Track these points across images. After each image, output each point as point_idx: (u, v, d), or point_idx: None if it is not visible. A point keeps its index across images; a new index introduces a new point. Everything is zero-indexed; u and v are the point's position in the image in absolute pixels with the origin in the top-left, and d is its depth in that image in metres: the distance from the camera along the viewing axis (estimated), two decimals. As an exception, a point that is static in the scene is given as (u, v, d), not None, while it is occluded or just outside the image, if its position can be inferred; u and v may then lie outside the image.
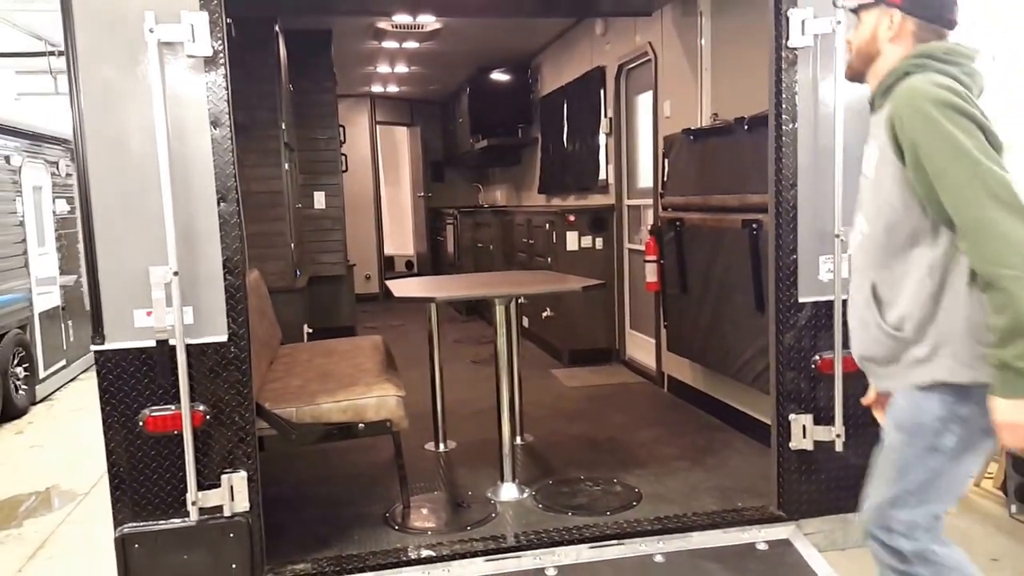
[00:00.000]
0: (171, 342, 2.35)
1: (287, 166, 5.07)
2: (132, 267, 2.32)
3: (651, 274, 4.52)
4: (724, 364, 3.88)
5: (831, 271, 2.72)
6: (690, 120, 4.30)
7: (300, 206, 5.78)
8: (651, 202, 4.93)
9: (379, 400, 2.89)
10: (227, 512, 2.46)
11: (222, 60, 2.32)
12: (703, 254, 3.99)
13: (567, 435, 4.15)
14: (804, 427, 2.81)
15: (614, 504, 3.14)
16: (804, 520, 2.89)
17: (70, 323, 6.41)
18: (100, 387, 2.37)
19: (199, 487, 2.43)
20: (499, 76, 7.86)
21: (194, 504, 2.43)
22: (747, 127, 3.55)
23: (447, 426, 3.98)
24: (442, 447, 3.93)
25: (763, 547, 2.82)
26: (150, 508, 2.45)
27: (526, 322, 6.43)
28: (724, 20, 4.12)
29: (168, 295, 2.31)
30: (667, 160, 4.44)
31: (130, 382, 2.39)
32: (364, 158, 9.48)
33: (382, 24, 6.06)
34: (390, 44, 6.77)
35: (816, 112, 2.69)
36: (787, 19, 2.65)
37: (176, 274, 2.31)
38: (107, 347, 2.36)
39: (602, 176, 5.88)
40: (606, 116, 5.74)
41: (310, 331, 5.13)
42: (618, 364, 5.70)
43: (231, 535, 2.47)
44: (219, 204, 2.36)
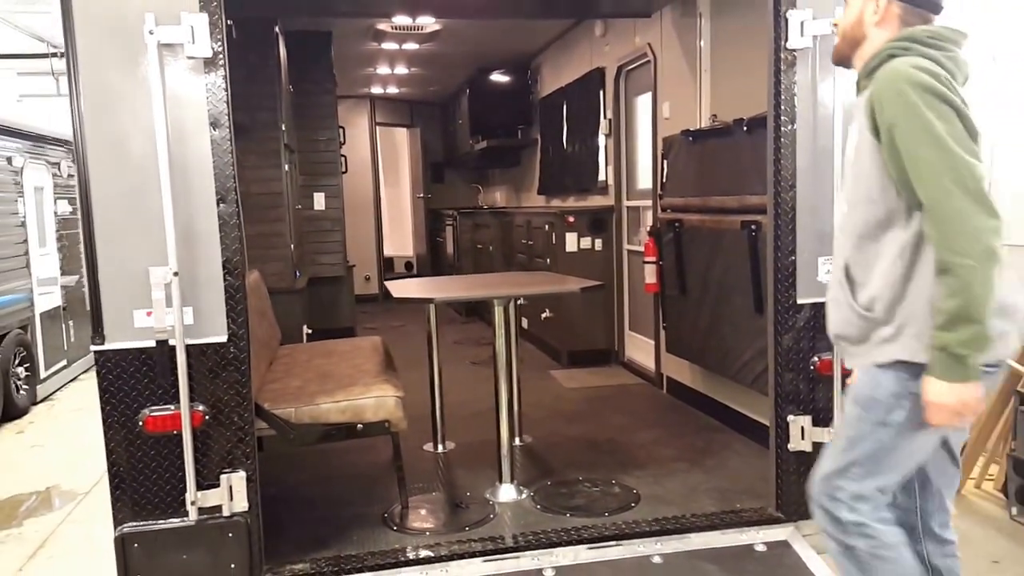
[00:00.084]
0: (171, 342, 2.35)
1: (287, 167, 5.07)
2: (132, 268, 2.33)
3: (650, 275, 4.52)
4: (723, 365, 3.89)
5: (830, 272, 2.72)
6: (689, 121, 4.31)
7: (300, 207, 5.78)
8: (650, 203, 4.93)
9: (378, 401, 2.89)
10: (226, 512, 2.46)
11: (222, 61, 2.32)
12: (702, 255, 4.00)
13: (566, 436, 4.15)
14: (803, 428, 2.82)
15: (612, 505, 3.14)
16: (803, 522, 2.88)
17: (71, 323, 6.43)
18: (100, 387, 2.38)
19: (198, 487, 2.43)
20: (499, 77, 7.86)
21: (193, 504, 2.43)
22: (746, 128, 3.56)
23: (446, 427, 3.98)
24: (441, 448, 3.93)
25: (761, 548, 2.82)
26: (150, 508, 2.45)
27: (525, 323, 6.43)
28: (723, 21, 4.13)
29: (168, 295, 2.32)
30: (666, 161, 4.45)
31: (130, 382, 2.39)
32: (364, 159, 9.48)
33: (382, 25, 6.07)
34: (390, 45, 6.78)
35: (815, 113, 2.70)
36: (786, 20, 2.65)
37: (176, 275, 2.31)
38: (107, 347, 2.36)
39: (601, 177, 5.88)
40: (605, 117, 5.74)
41: (309, 332, 5.13)
42: (617, 365, 5.70)
43: (230, 535, 2.47)
44: (219, 205, 2.36)
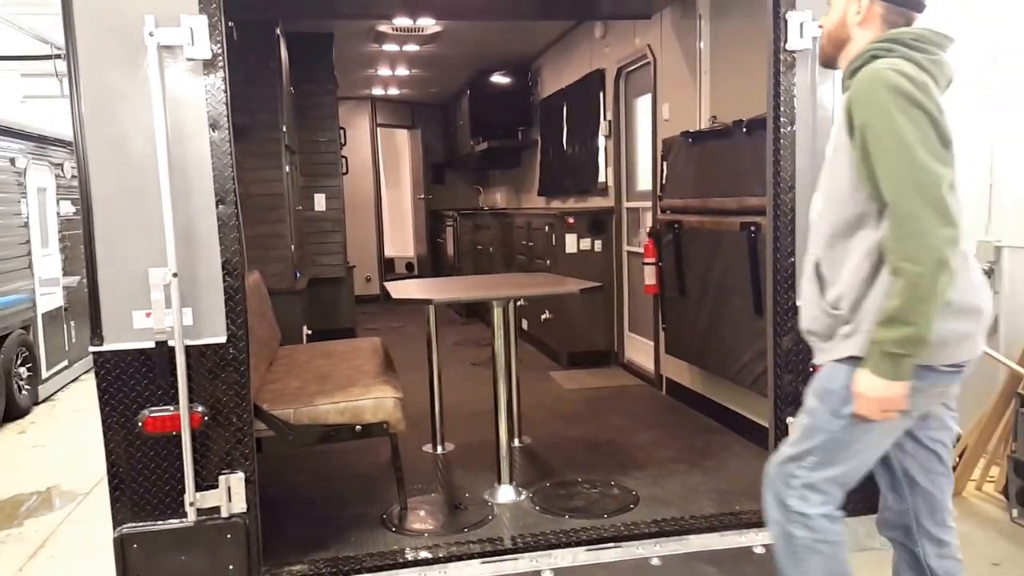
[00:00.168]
0: (170, 343, 2.35)
1: (288, 168, 5.08)
2: (131, 269, 2.33)
3: (650, 277, 4.52)
4: (722, 367, 3.89)
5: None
6: (689, 123, 4.31)
7: (300, 208, 5.79)
8: (650, 205, 4.93)
9: (376, 402, 2.89)
10: (224, 513, 2.47)
11: (221, 63, 2.33)
12: (701, 257, 4.00)
13: (565, 437, 4.15)
14: (801, 430, 2.82)
15: (611, 507, 3.14)
16: (801, 523, 2.89)
17: (72, 324, 6.43)
18: (99, 388, 2.38)
19: (197, 488, 2.43)
20: (499, 79, 7.87)
21: (192, 505, 2.44)
22: (745, 130, 3.56)
23: (445, 428, 3.98)
24: (440, 449, 3.94)
25: (760, 551, 2.81)
26: (149, 509, 2.46)
27: (525, 324, 6.43)
28: (723, 23, 4.13)
29: (167, 296, 2.32)
30: (666, 163, 4.45)
31: (129, 383, 2.39)
32: (365, 160, 9.48)
33: (383, 27, 6.08)
34: (391, 47, 6.79)
35: (814, 115, 2.70)
36: (785, 22, 2.65)
37: (175, 276, 2.32)
38: (106, 348, 2.37)
39: (601, 179, 5.88)
40: (605, 119, 5.75)
41: (309, 332, 5.14)
42: (617, 367, 5.70)
43: (228, 536, 2.47)
44: (218, 206, 2.37)
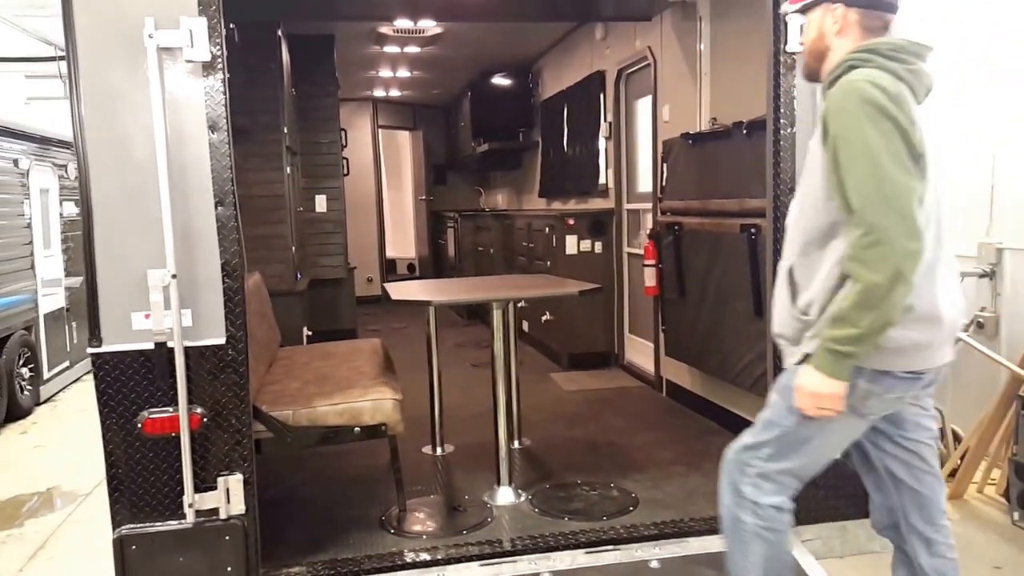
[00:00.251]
0: (169, 344, 2.35)
1: (289, 170, 5.08)
2: (130, 270, 2.33)
3: (650, 278, 4.52)
4: (722, 369, 3.88)
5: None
6: (689, 124, 4.31)
7: (302, 209, 5.79)
8: (651, 206, 4.93)
9: (375, 404, 2.89)
10: (223, 515, 2.46)
11: (220, 65, 2.33)
12: (701, 259, 3.99)
13: (565, 439, 4.15)
14: (801, 433, 2.81)
15: (611, 509, 3.14)
16: (801, 527, 2.87)
17: (74, 325, 6.44)
18: (97, 389, 2.38)
19: (196, 489, 2.43)
20: (500, 80, 7.87)
21: (191, 506, 2.43)
22: (746, 131, 3.56)
23: (445, 429, 3.98)
24: (440, 450, 3.94)
25: (759, 553, 2.81)
26: (147, 510, 2.45)
27: (526, 326, 6.43)
28: (723, 25, 4.13)
29: (166, 298, 2.32)
30: (666, 164, 4.45)
31: (128, 384, 2.40)
32: (367, 162, 9.49)
33: (384, 29, 6.08)
34: (392, 49, 6.79)
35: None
36: (785, 24, 2.64)
37: (174, 277, 2.32)
38: (104, 349, 2.37)
39: (602, 180, 5.88)
40: (606, 120, 5.75)
41: (310, 333, 5.14)
42: (617, 368, 5.70)
43: (227, 538, 2.47)
44: (217, 208, 2.37)
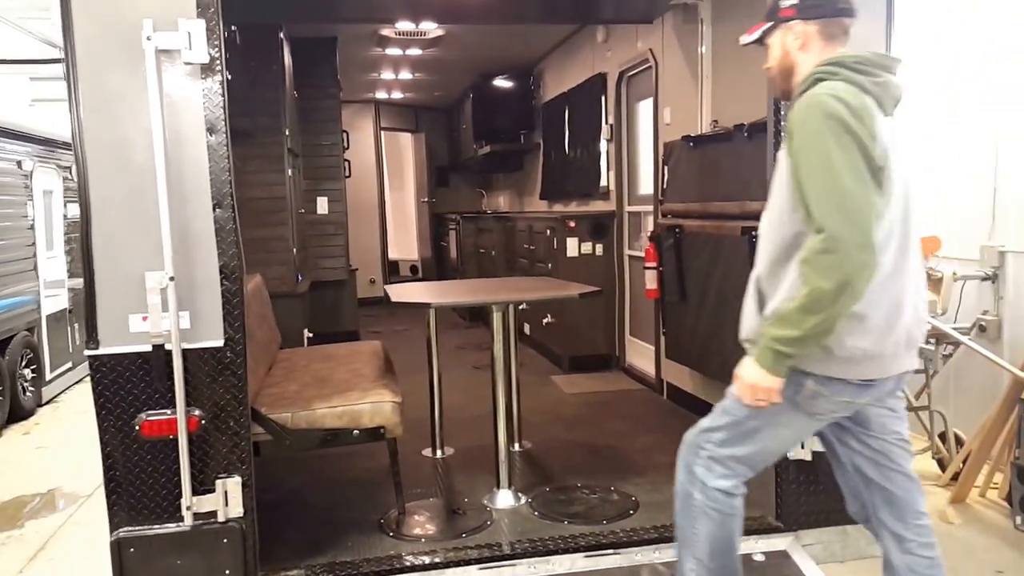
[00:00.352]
0: (167, 347, 2.35)
1: (290, 172, 5.09)
2: (128, 272, 2.32)
3: (651, 281, 4.51)
4: (723, 372, 3.84)
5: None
6: (690, 127, 4.30)
7: (303, 211, 5.80)
8: (652, 209, 4.92)
9: (374, 406, 2.88)
10: (221, 517, 2.46)
11: (219, 67, 2.32)
12: (702, 261, 3.98)
13: (565, 442, 4.14)
14: (802, 437, 2.80)
15: (611, 512, 3.13)
16: (802, 531, 2.87)
17: (77, 326, 6.45)
18: (94, 392, 2.38)
19: (194, 492, 2.42)
20: (502, 83, 7.88)
21: (189, 509, 2.42)
22: (747, 134, 3.55)
23: (445, 432, 3.97)
24: (440, 453, 3.93)
25: (760, 558, 2.80)
26: (145, 512, 2.45)
27: (527, 328, 6.42)
28: (724, 27, 4.12)
29: (164, 300, 2.31)
30: (667, 167, 4.44)
31: (126, 386, 2.39)
32: (369, 163, 9.49)
33: (385, 31, 6.09)
34: (394, 51, 6.80)
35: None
36: (785, 26, 2.65)
37: (172, 279, 2.31)
38: (102, 352, 2.37)
39: (603, 182, 5.88)
40: (607, 123, 5.74)
41: (310, 335, 5.14)
42: (618, 371, 5.69)
43: (225, 540, 2.46)
44: (215, 210, 2.36)
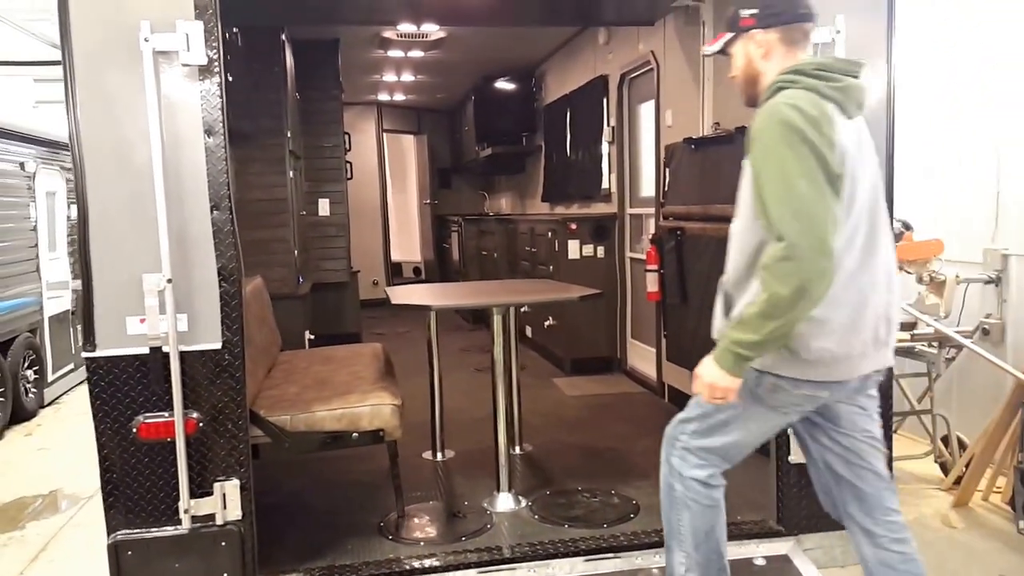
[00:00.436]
0: (164, 349, 2.34)
1: (292, 174, 5.09)
2: (126, 274, 2.32)
3: (652, 283, 4.49)
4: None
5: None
6: (692, 129, 4.29)
7: (304, 213, 5.79)
8: (653, 211, 4.91)
9: (373, 409, 2.87)
10: (219, 521, 2.45)
11: (217, 69, 2.31)
12: (703, 264, 3.96)
13: (566, 444, 4.12)
14: (803, 440, 2.78)
15: (611, 516, 3.11)
16: (803, 535, 2.85)
17: (79, 327, 6.46)
18: (91, 394, 2.38)
19: (192, 495, 2.42)
20: (503, 85, 7.88)
21: (186, 512, 2.42)
22: (748, 136, 3.53)
23: (446, 435, 3.96)
24: (440, 456, 3.92)
25: (761, 562, 2.78)
26: (143, 515, 2.44)
27: (529, 331, 6.41)
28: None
29: (162, 302, 2.31)
30: (668, 169, 4.43)
31: (123, 389, 2.39)
32: (372, 165, 9.50)
33: (388, 33, 6.10)
34: (396, 53, 6.81)
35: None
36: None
37: (170, 281, 2.30)
38: (99, 354, 2.36)
39: (605, 185, 5.87)
40: (609, 125, 5.73)
41: (311, 337, 5.14)
42: (619, 373, 5.68)
43: (223, 544, 2.45)
44: (212, 212, 2.35)
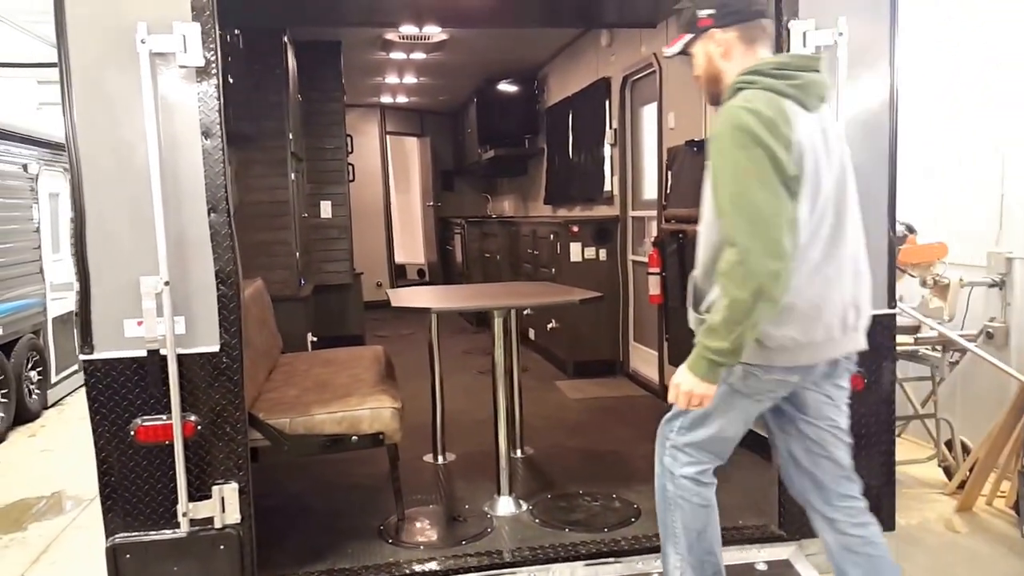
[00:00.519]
0: (162, 352, 2.33)
1: (294, 176, 5.08)
2: (123, 277, 2.31)
3: (654, 286, 4.48)
4: (727, 378, 3.83)
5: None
6: (694, 131, 4.28)
7: (306, 215, 5.79)
8: (655, 214, 4.89)
9: (373, 412, 2.85)
10: (218, 524, 2.43)
11: (214, 70, 2.30)
12: (706, 266, 3.95)
13: (568, 448, 4.10)
14: (805, 444, 2.76)
15: (612, 520, 3.09)
16: (805, 540, 2.82)
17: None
18: (89, 397, 2.36)
19: (190, 498, 2.41)
20: (506, 87, 7.87)
21: (185, 515, 2.41)
22: (750, 138, 3.51)
23: (447, 437, 3.94)
24: (441, 459, 3.90)
25: (763, 567, 2.77)
26: (141, 518, 2.43)
27: (532, 333, 6.40)
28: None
29: (159, 305, 2.30)
30: (670, 172, 4.42)
31: (121, 391, 2.37)
32: (375, 167, 9.50)
33: (390, 35, 6.10)
34: (398, 55, 6.80)
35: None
36: (788, 31, 2.61)
37: (167, 284, 2.30)
38: (96, 357, 2.34)
39: (607, 187, 5.86)
40: (611, 127, 5.72)
41: (314, 340, 5.13)
42: (622, 376, 5.66)
43: (221, 547, 2.44)
44: (210, 214, 2.34)
